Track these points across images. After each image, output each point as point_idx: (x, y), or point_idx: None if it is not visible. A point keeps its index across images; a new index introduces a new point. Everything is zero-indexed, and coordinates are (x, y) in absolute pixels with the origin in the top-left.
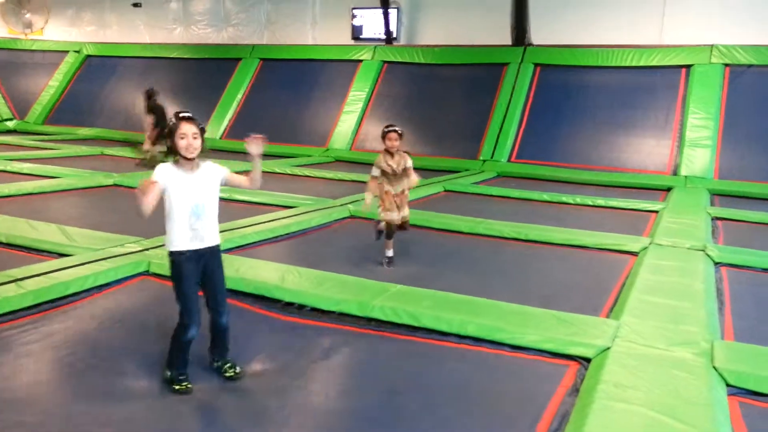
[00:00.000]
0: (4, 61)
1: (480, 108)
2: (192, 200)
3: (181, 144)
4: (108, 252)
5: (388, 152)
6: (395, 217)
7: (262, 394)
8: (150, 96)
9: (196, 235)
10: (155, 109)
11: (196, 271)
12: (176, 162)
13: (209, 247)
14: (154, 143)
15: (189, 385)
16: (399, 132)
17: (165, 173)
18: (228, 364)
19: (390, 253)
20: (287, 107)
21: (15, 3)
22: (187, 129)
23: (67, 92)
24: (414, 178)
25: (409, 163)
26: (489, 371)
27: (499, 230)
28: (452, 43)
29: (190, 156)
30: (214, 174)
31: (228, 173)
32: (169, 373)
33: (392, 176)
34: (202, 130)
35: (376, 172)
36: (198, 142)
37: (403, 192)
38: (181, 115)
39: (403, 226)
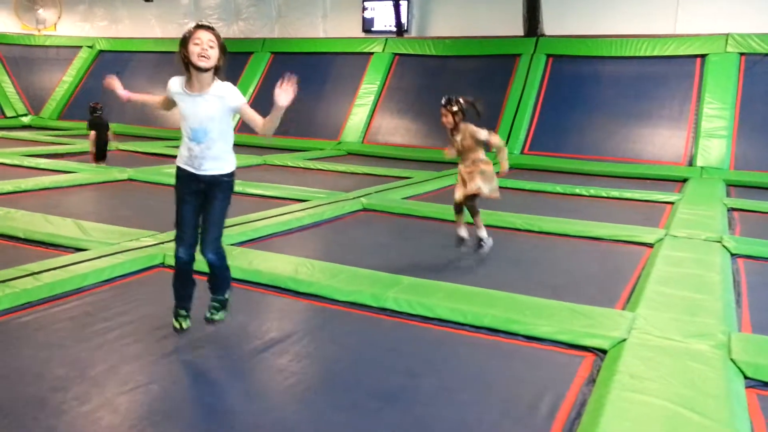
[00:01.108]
0: (19, 57)
1: (492, 100)
2: (192, 122)
3: (194, 50)
4: (123, 246)
5: (451, 130)
6: (457, 195)
7: (271, 371)
8: (93, 111)
9: (193, 158)
10: (97, 125)
11: (193, 193)
12: (188, 78)
13: (208, 176)
14: (96, 160)
15: (182, 324)
16: (448, 107)
17: (173, 86)
18: (213, 305)
19: (461, 232)
20: (299, 101)
21: None
22: (203, 35)
23: (80, 87)
24: (495, 140)
25: (479, 134)
26: (505, 360)
27: (511, 222)
28: (463, 35)
29: (201, 64)
30: (226, 99)
31: (243, 105)
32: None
33: (460, 151)
34: (222, 47)
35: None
36: (214, 52)
37: (473, 163)
38: (199, 23)
39: (470, 197)
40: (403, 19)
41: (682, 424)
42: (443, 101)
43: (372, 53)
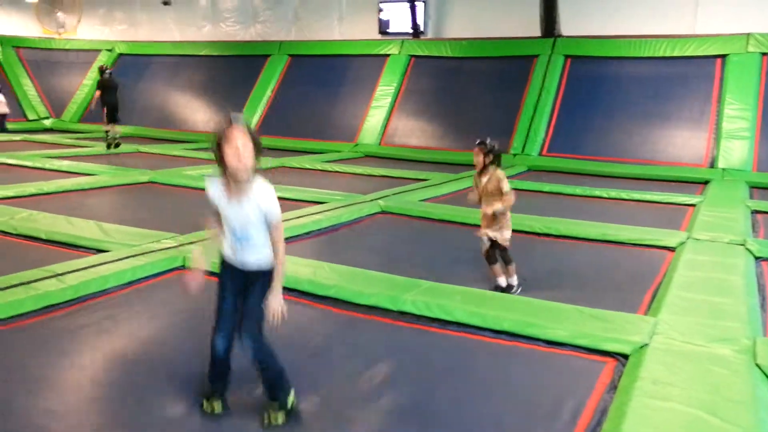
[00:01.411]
0: (40, 61)
1: (509, 101)
2: (234, 226)
3: (232, 163)
4: (145, 248)
5: (479, 171)
6: (482, 235)
7: (290, 376)
8: (101, 72)
9: (236, 253)
10: (104, 87)
11: (235, 281)
12: (224, 179)
13: (250, 272)
14: (109, 121)
15: (214, 408)
16: (482, 147)
17: (211, 192)
18: (268, 408)
19: (499, 281)
20: (316, 103)
21: (49, 3)
22: (237, 141)
23: None
24: (502, 203)
25: (504, 183)
26: (525, 365)
27: (529, 225)
28: (480, 36)
29: (241, 178)
30: (260, 205)
31: (276, 222)
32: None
33: (483, 195)
34: (257, 143)
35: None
36: (251, 158)
37: (493, 215)
38: (232, 118)
39: (497, 245)
40: (420, 21)
41: (706, 431)
42: (479, 141)
43: (388, 55)
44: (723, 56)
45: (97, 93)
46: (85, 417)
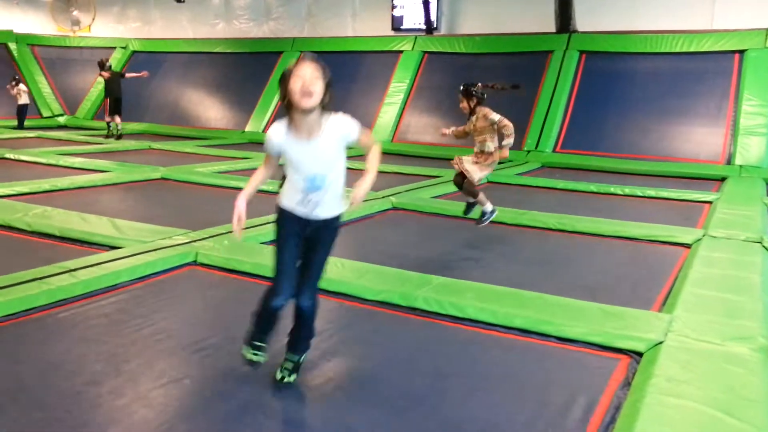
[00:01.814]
0: (55, 58)
1: (524, 97)
2: (308, 171)
3: (295, 87)
4: (157, 244)
5: (468, 114)
6: (453, 164)
7: (301, 369)
8: (101, 67)
9: (306, 204)
10: (105, 81)
11: (298, 234)
12: (291, 120)
13: (321, 220)
14: (111, 113)
15: (260, 357)
16: (462, 92)
17: (277, 138)
18: (287, 366)
19: (469, 199)
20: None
21: (63, 1)
22: (306, 70)
23: None
24: (506, 122)
25: (492, 114)
26: (538, 362)
27: (543, 221)
28: (494, 32)
29: (305, 105)
30: (339, 135)
31: (360, 134)
32: (247, 336)
33: (474, 133)
34: (327, 76)
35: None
36: (319, 87)
37: (481, 152)
38: (301, 55)
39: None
40: (433, 17)
41: (720, 430)
42: (461, 88)
43: (401, 51)
44: (741, 52)
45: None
46: (97, 396)
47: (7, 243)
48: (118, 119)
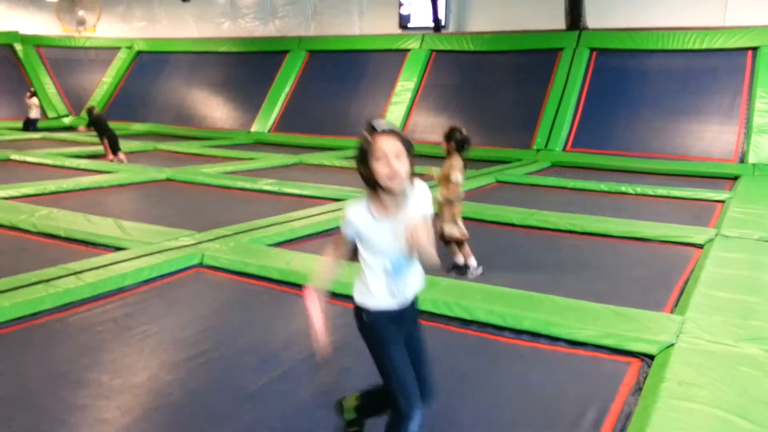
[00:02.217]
0: (60, 59)
1: (533, 96)
2: (391, 252)
3: (380, 170)
4: (162, 245)
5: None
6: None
7: (310, 379)
8: (90, 112)
9: (396, 294)
10: (96, 123)
11: (400, 333)
12: (374, 199)
13: (409, 304)
14: (113, 152)
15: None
16: (445, 134)
17: (359, 221)
18: None
19: (456, 259)
20: (335, 99)
21: (69, 1)
22: (387, 147)
23: (119, 88)
24: (456, 179)
25: (454, 172)
26: (547, 367)
27: (553, 222)
28: (503, 30)
29: (396, 187)
30: (424, 205)
31: (423, 219)
32: None
33: (441, 181)
34: (409, 147)
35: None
36: (405, 164)
37: (441, 206)
38: (375, 125)
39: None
40: (441, 15)
41: None
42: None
43: (409, 50)
44: (754, 48)
45: (84, 129)
46: (105, 411)
47: (13, 244)
48: (122, 155)
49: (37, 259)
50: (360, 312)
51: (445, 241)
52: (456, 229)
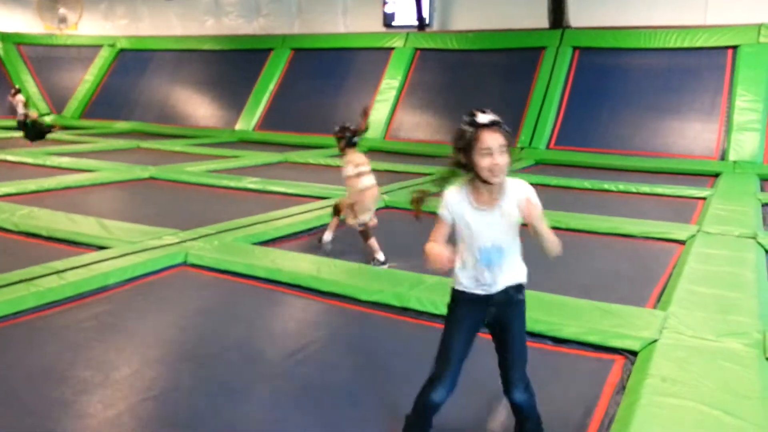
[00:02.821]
0: (41, 57)
1: (517, 94)
2: (483, 241)
3: (483, 163)
4: (146, 244)
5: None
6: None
7: (295, 377)
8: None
9: (486, 278)
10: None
11: (475, 319)
12: (471, 188)
13: (503, 292)
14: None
15: None
16: (335, 132)
17: (453, 202)
18: None
19: (377, 256)
20: (320, 97)
21: None
22: (492, 141)
23: (102, 86)
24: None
25: (345, 168)
26: (532, 368)
27: None
28: (486, 28)
29: (496, 180)
30: (521, 200)
31: (539, 214)
32: None
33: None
34: (510, 139)
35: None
36: (506, 159)
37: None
38: (480, 119)
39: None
40: (425, 13)
41: (717, 428)
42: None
43: (393, 48)
44: (734, 47)
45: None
46: (87, 406)
47: None
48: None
49: (18, 258)
50: (451, 291)
51: (363, 235)
52: (353, 221)
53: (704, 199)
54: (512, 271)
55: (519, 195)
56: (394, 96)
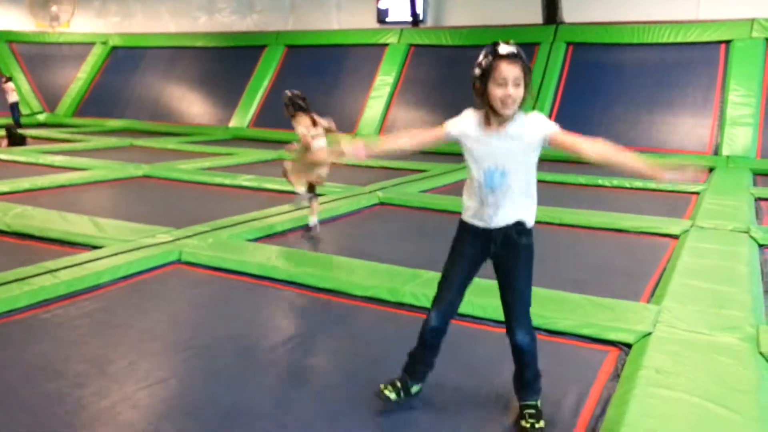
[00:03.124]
0: (33, 55)
1: None
2: (486, 163)
3: (496, 93)
4: (140, 243)
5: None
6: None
7: (290, 368)
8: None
9: (484, 209)
10: None
11: (477, 251)
12: (481, 111)
13: (502, 231)
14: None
15: (394, 395)
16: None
17: (467, 126)
18: (526, 410)
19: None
20: (314, 94)
21: None
22: (509, 72)
23: (94, 84)
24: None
25: (297, 128)
26: None
27: None
28: (480, 24)
29: (507, 113)
30: (531, 132)
31: (554, 132)
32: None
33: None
34: (528, 71)
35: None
36: (521, 91)
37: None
38: (500, 49)
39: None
40: (419, 9)
41: (710, 420)
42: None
43: (387, 44)
44: (727, 42)
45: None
46: (82, 398)
47: None
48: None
49: (11, 258)
50: (458, 223)
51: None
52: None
53: (697, 193)
54: (515, 208)
55: (538, 127)
56: (388, 92)
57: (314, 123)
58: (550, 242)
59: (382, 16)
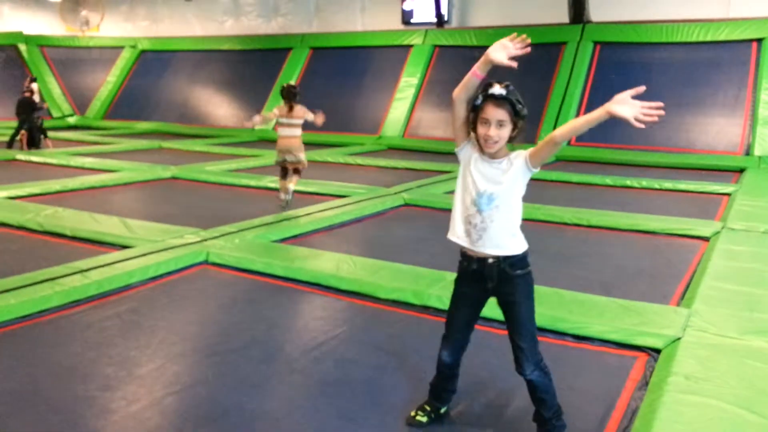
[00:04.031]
0: (64, 59)
1: (537, 90)
2: (478, 185)
3: (480, 131)
4: (168, 243)
5: None
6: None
7: (315, 374)
8: (22, 92)
9: (471, 229)
10: (21, 105)
11: (476, 291)
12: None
13: (493, 258)
14: (27, 146)
15: (426, 419)
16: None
17: (469, 149)
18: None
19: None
20: (339, 95)
21: (72, 1)
22: (492, 113)
23: (124, 87)
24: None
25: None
26: (554, 362)
27: (559, 216)
28: (506, 24)
29: (488, 150)
30: (516, 160)
31: (529, 149)
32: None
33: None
34: (517, 116)
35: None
36: (505, 132)
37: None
38: (491, 90)
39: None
40: (443, 10)
41: (741, 427)
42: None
43: (412, 46)
44: (758, 40)
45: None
46: (111, 401)
47: (20, 243)
48: (48, 142)
49: (43, 258)
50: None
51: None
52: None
53: (729, 194)
54: (501, 239)
55: (519, 154)
56: (413, 94)
57: (291, 110)
58: (577, 244)
59: (406, 17)
